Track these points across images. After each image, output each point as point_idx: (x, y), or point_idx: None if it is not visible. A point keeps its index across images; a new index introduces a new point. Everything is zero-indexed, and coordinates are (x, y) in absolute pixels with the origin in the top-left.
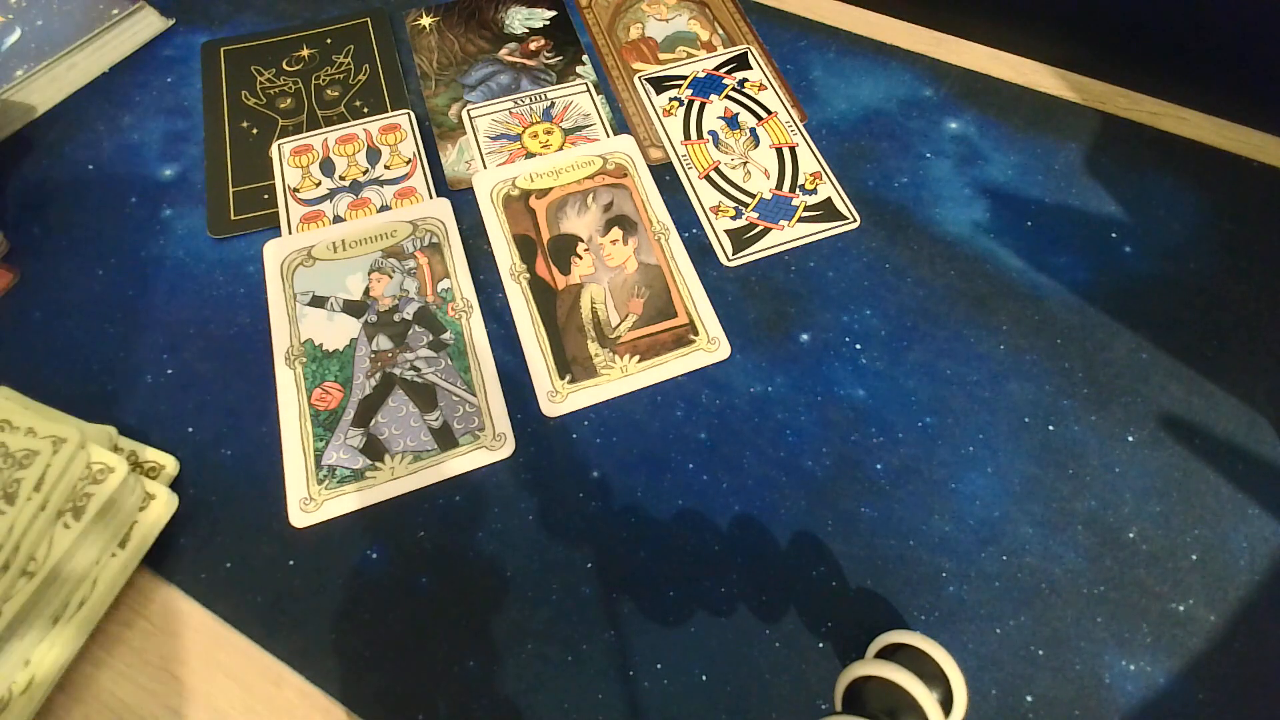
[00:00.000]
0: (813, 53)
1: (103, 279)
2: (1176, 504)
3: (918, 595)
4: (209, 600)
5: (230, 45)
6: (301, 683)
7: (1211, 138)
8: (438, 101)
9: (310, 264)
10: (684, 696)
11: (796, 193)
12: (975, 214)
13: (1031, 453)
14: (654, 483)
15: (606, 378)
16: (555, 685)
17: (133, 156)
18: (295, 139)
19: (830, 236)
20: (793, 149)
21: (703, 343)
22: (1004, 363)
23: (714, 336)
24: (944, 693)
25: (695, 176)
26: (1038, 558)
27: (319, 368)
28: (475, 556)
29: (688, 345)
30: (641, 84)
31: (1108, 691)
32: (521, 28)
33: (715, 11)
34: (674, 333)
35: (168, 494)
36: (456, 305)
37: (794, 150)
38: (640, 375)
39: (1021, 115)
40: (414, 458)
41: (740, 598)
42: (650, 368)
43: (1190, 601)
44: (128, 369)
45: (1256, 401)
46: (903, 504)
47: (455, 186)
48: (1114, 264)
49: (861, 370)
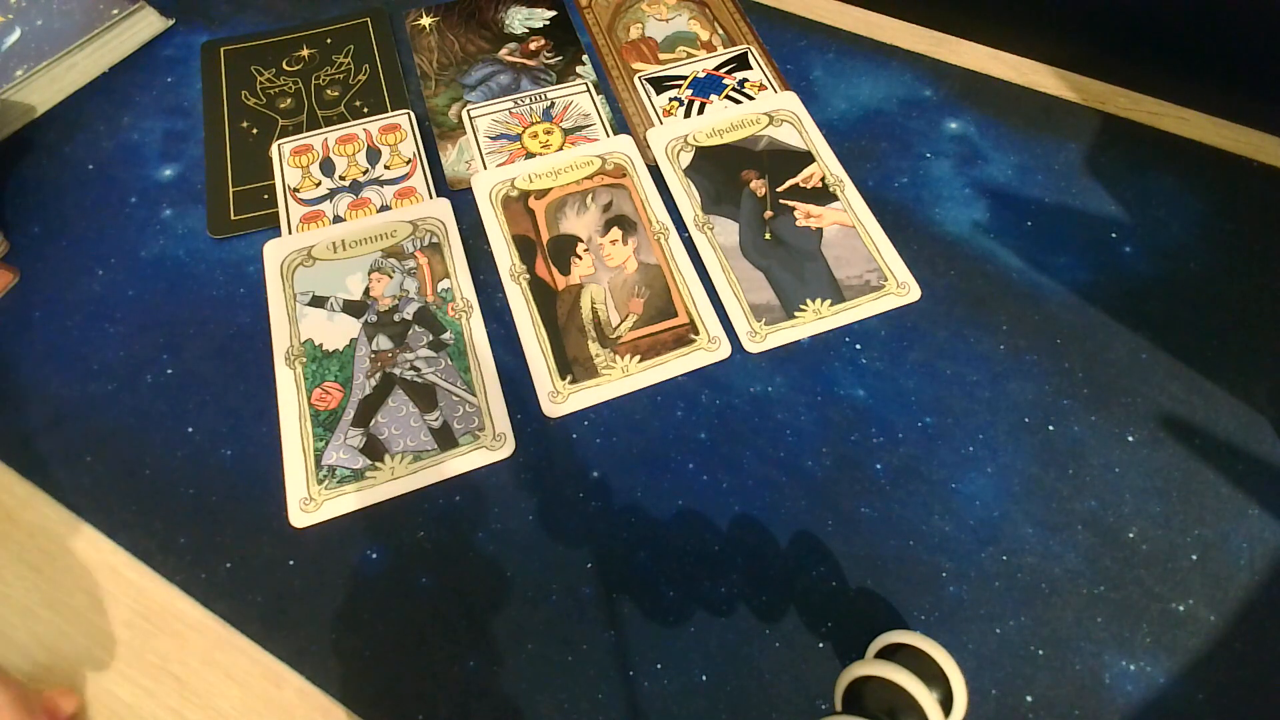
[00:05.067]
0: (813, 53)
1: (103, 279)
2: (1176, 504)
3: (918, 595)
4: (209, 600)
5: (230, 45)
6: (301, 683)
7: (1211, 138)
8: (438, 101)
9: (310, 264)
10: (684, 696)
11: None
12: (975, 214)
13: (1031, 453)
14: (654, 483)
15: (607, 378)
16: (555, 685)
17: (133, 156)
18: (295, 139)
19: None
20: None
21: (703, 342)
22: (1004, 363)
23: (714, 336)
24: (944, 693)
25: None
26: (1038, 558)
27: (319, 368)
28: (475, 556)
29: (688, 345)
30: (641, 84)
31: (1108, 691)
32: (521, 28)
33: (715, 11)
34: (674, 332)
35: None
36: (456, 305)
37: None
38: (640, 375)
39: (1021, 115)
40: (414, 458)
41: (740, 598)
42: (651, 368)
43: (1190, 601)
44: (128, 369)
45: (1256, 401)
46: (903, 504)
47: (455, 186)
48: (1114, 264)
49: (861, 370)
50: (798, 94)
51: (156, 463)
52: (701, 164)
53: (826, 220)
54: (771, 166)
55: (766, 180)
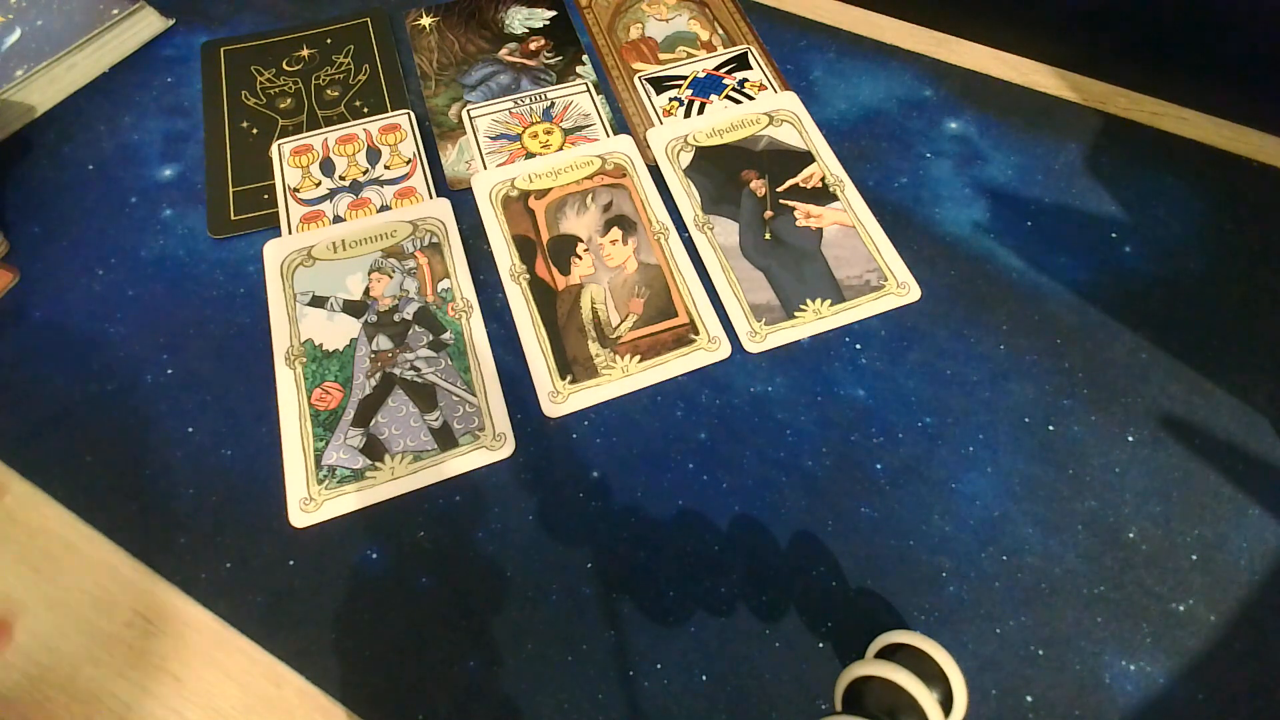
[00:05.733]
0: (813, 53)
1: (103, 279)
2: (1176, 504)
3: (918, 595)
4: (209, 600)
5: (230, 45)
6: (301, 683)
7: (1211, 138)
8: (438, 101)
9: (310, 264)
10: (684, 696)
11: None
12: (975, 214)
13: (1031, 453)
14: (654, 483)
15: (607, 378)
16: (555, 685)
17: (133, 156)
18: (295, 139)
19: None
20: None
21: (703, 342)
22: (1004, 363)
23: (714, 336)
24: (944, 693)
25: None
26: (1038, 558)
27: (319, 368)
28: (475, 556)
29: (688, 345)
30: (641, 84)
31: (1108, 691)
32: (521, 28)
33: (715, 11)
34: (674, 332)
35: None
36: (456, 305)
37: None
38: (641, 375)
39: (1021, 115)
40: (414, 458)
41: (740, 598)
42: (651, 368)
43: (1190, 601)
44: (128, 369)
45: (1256, 401)
46: (903, 504)
47: (455, 186)
48: (1114, 264)
49: (861, 370)
50: (798, 94)
51: (156, 463)
52: (701, 164)
53: (826, 220)
54: (771, 166)
55: (766, 180)
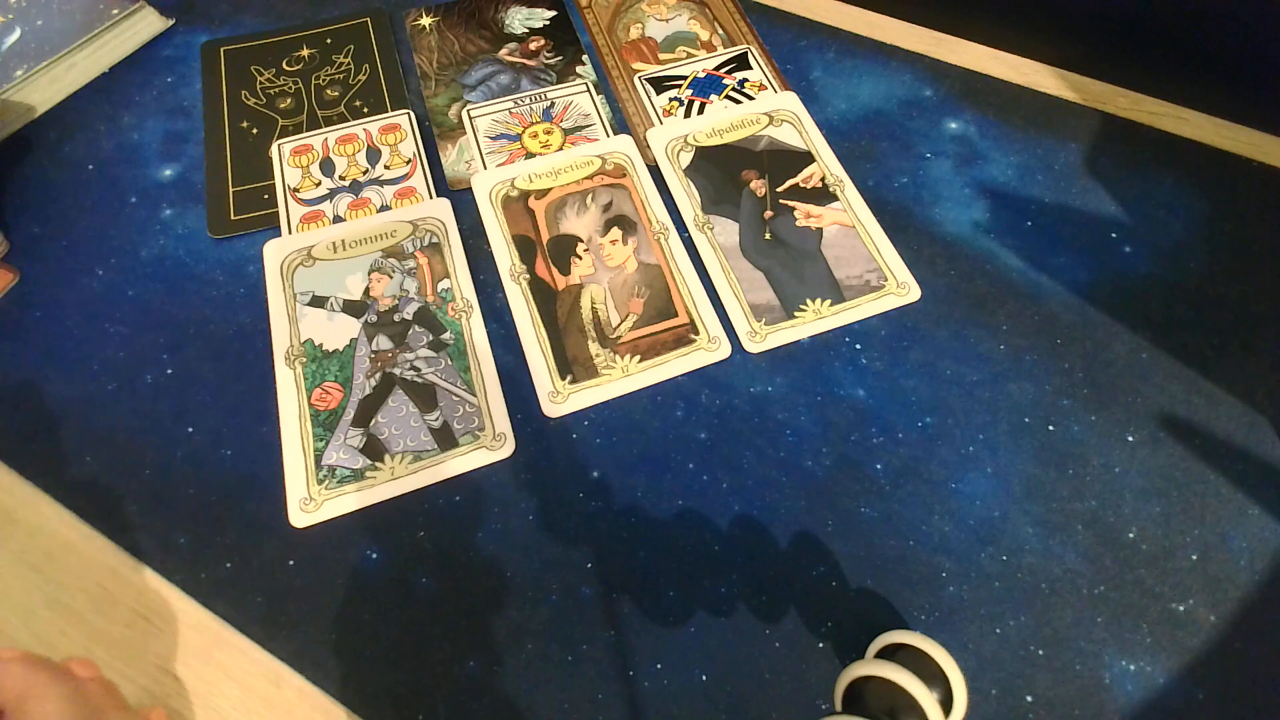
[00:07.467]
0: (813, 53)
1: (103, 279)
2: (1176, 504)
3: (918, 595)
4: (209, 600)
5: (230, 45)
6: (301, 683)
7: (1211, 138)
8: (438, 101)
9: (310, 264)
10: (684, 696)
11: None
12: (975, 214)
13: (1031, 453)
14: (654, 483)
15: (607, 378)
16: (555, 685)
17: (133, 156)
18: (295, 139)
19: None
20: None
21: (703, 342)
22: (1004, 363)
23: (714, 336)
24: (944, 693)
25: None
26: (1038, 558)
27: (319, 368)
28: (475, 556)
29: (688, 345)
30: (641, 84)
31: (1108, 691)
32: (521, 28)
33: (715, 11)
34: (674, 332)
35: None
36: (456, 305)
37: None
38: (641, 375)
39: (1021, 115)
40: (414, 458)
41: (740, 598)
42: (651, 368)
43: (1190, 601)
44: (128, 369)
45: (1256, 401)
46: (903, 504)
47: (455, 186)
48: (1114, 264)
49: (861, 370)
50: (798, 94)
51: (156, 463)
52: (701, 164)
53: (826, 220)
54: (771, 166)
55: (766, 180)
